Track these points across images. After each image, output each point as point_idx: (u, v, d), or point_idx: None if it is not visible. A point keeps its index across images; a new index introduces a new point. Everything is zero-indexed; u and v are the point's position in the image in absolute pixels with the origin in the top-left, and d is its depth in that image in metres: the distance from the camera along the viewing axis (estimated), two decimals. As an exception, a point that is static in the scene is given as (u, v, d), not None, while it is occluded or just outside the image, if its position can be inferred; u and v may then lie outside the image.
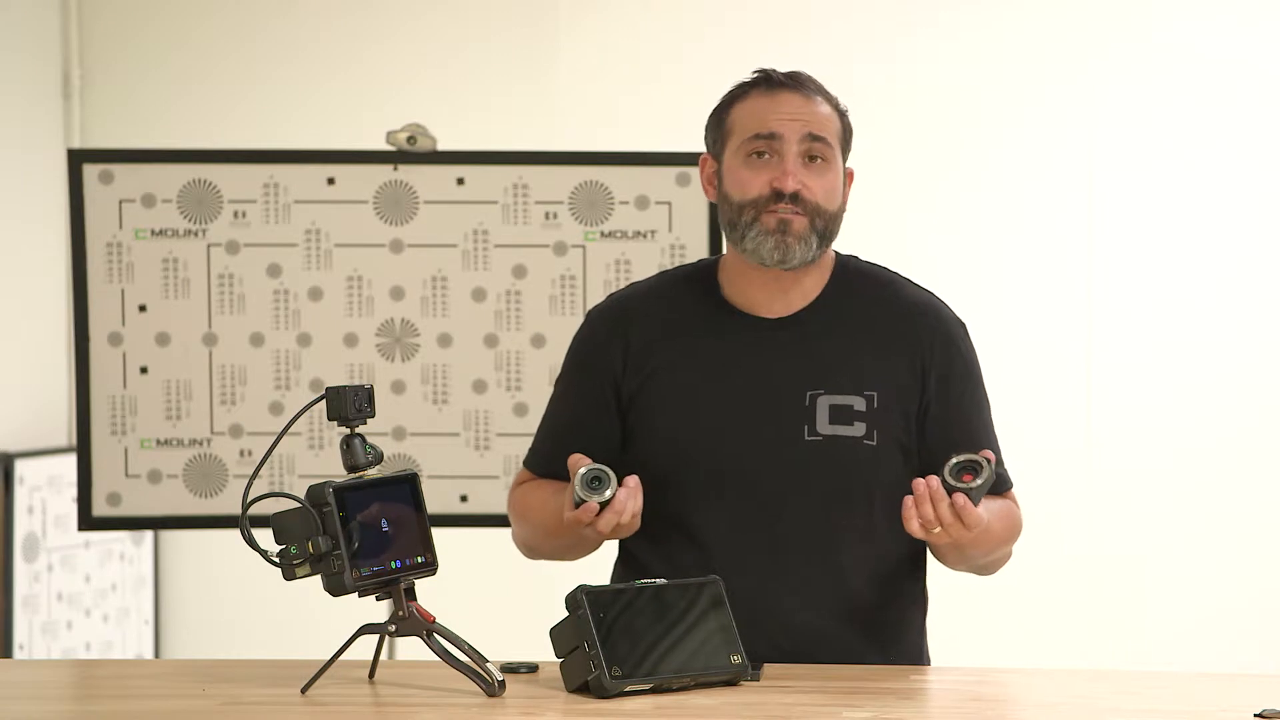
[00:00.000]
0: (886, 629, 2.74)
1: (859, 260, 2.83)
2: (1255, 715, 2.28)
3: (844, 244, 2.80)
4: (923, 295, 2.81)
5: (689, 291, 2.81)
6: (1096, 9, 4.92)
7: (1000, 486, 2.76)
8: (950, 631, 3.04)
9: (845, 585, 2.70)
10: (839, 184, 2.72)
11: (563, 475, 2.74)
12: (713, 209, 3.72)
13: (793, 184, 2.66)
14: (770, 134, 2.69)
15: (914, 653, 2.78)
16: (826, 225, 2.70)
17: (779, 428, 2.70)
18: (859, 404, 2.71)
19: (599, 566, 2.89)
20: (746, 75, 2.78)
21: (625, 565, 2.81)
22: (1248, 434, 4.90)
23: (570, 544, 2.77)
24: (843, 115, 2.75)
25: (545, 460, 2.83)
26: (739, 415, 2.71)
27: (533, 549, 2.88)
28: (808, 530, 2.70)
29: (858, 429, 2.70)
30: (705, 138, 2.81)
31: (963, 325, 2.81)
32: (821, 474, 2.69)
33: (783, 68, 2.77)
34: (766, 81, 2.74)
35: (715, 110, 2.79)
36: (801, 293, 2.76)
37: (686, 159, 3.73)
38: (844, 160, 2.75)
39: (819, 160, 2.69)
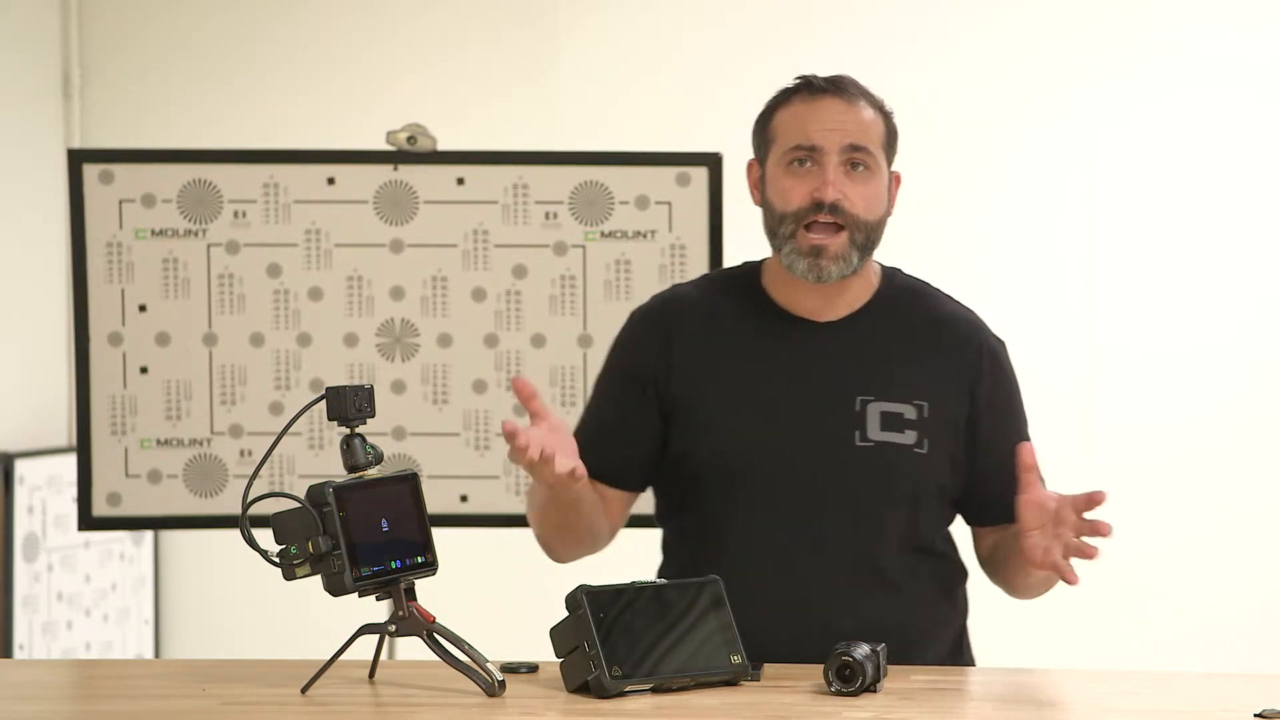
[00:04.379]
0: (929, 634, 2.74)
1: (902, 273, 2.82)
2: (1255, 715, 2.28)
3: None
4: (966, 312, 2.81)
5: (733, 293, 2.79)
6: (1096, 9, 4.92)
7: None
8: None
9: (888, 592, 2.70)
10: (882, 191, 2.71)
11: (602, 477, 2.77)
12: (713, 209, 3.72)
13: (833, 194, 2.65)
14: (811, 145, 2.68)
15: (957, 657, 2.78)
16: (867, 237, 2.69)
17: (829, 433, 2.69)
18: (909, 412, 2.70)
19: (600, 567, 2.89)
20: (789, 80, 2.75)
21: (668, 566, 2.81)
22: (1248, 434, 4.90)
23: (560, 521, 2.74)
24: (888, 118, 2.74)
25: (584, 455, 2.77)
26: (787, 418, 2.70)
27: (544, 543, 2.83)
28: (853, 536, 2.69)
29: (908, 437, 2.69)
30: (752, 142, 2.79)
31: (1003, 344, 2.81)
32: (870, 480, 2.69)
33: (819, 71, 2.76)
34: (808, 88, 2.72)
35: (760, 116, 2.77)
36: (846, 300, 2.75)
37: (686, 159, 3.73)
38: (889, 163, 2.74)
39: (861, 169, 2.68)
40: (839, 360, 2.71)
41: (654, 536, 2.92)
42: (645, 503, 2.97)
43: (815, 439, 2.69)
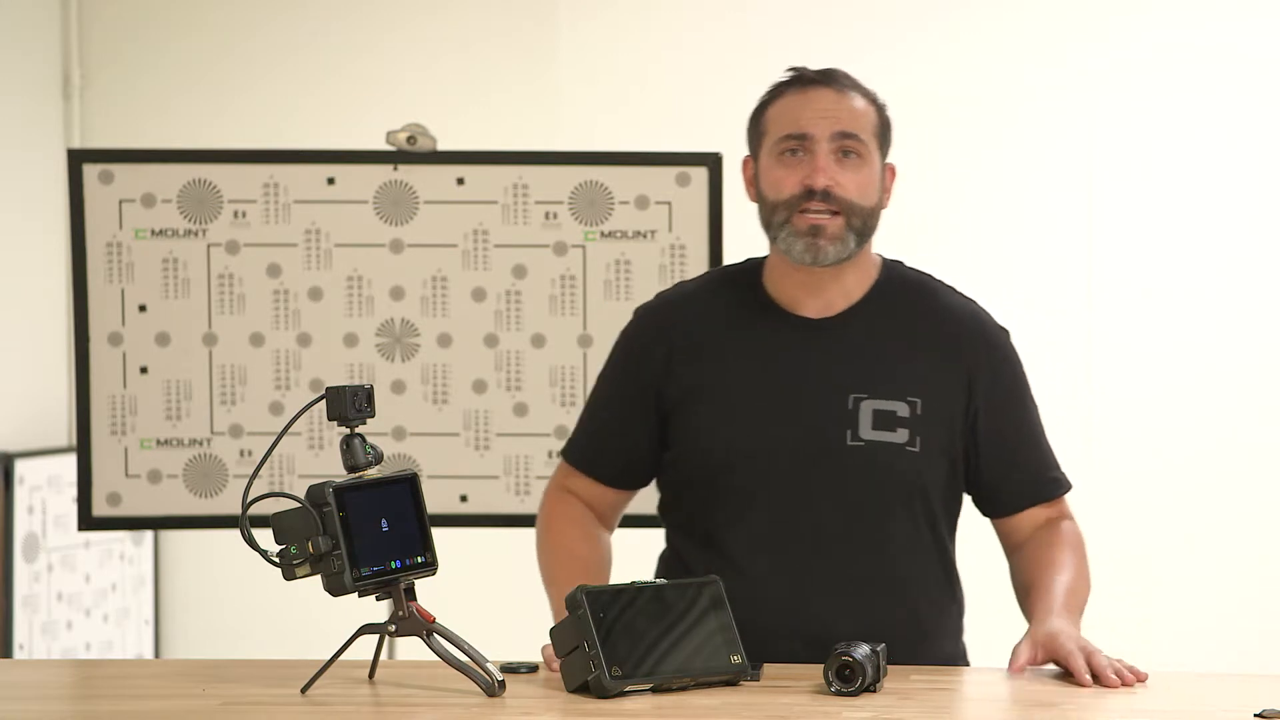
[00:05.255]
0: (922, 633, 2.74)
1: (904, 266, 2.82)
2: (1255, 715, 2.29)
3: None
4: (966, 304, 2.81)
5: (733, 290, 2.80)
6: (1096, 8, 4.92)
7: (1054, 491, 2.80)
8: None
9: (881, 591, 2.70)
10: (875, 179, 2.71)
11: (599, 478, 2.82)
12: (713, 209, 3.72)
13: (823, 180, 2.66)
14: (801, 134, 2.68)
15: (951, 656, 2.79)
16: (864, 222, 2.69)
17: (820, 432, 2.69)
18: (902, 409, 2.70)
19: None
20: (781, 75, 2.76)
21: (668, 563, 2.82)
22: (1248, 434, 4.90)
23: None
24: (880, 109, 2.74)
25: (583, 457, 2.86)
26: (780, 418, 2.70)
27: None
28: (846, 535, 2.69)
29: (900, 435, 2.69)
30: (746, 139, 2.80)
31: (1006, 333, 2.81)
32: (862, 480, 2.69)
33: (815, 66, 2.76)
34: (799, 80, 2.73)
35: (753, 112, 2.78)
36: (843, 292, 2.74)
37: (686, 159, 3.73)
38: (884, 155, 2.74)
39: (853, 156, 2.68)
40: (833, 358, 2.72)
41: (654, 536, 2.93)
42: (645, 502, 2.98)
43: (807, 439, 2.69)
